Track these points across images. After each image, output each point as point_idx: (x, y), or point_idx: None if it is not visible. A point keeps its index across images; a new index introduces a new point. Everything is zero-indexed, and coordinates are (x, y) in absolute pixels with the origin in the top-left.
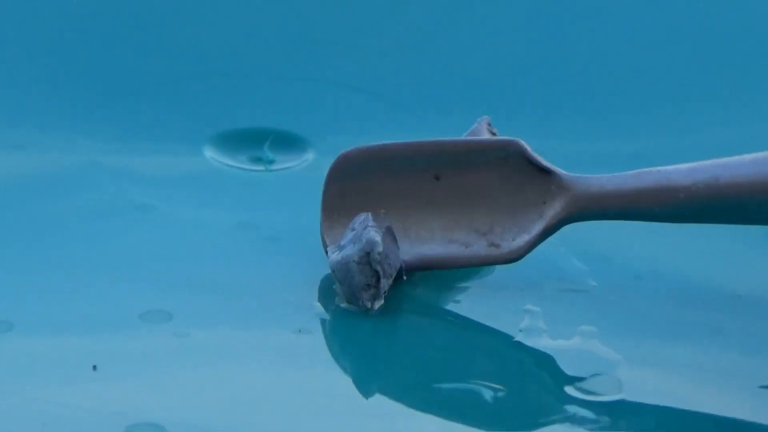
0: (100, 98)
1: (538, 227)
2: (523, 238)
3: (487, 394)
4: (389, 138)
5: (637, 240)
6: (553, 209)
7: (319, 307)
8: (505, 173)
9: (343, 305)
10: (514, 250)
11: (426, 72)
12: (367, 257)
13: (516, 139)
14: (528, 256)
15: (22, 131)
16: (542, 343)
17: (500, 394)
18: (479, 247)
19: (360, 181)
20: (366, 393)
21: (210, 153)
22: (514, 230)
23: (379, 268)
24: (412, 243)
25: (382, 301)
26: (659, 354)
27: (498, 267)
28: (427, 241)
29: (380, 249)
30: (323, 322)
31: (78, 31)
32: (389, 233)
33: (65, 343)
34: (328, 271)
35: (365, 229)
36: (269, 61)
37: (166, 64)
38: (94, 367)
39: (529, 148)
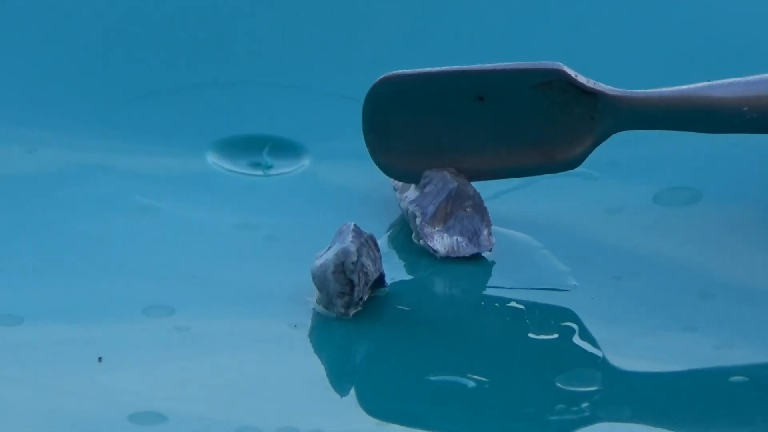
0: (109, 105)
1: (589, 140)
2: (577, 149)
3: (472, 386)
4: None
5: (615, 243)
6: (603, 123)
7: (313, 302)
8: (549, 95)
9: (319, 310)
10: (569, 160)
11: None
12: (341, 266)
13: (559, 65)
14: (512, 258)
15: (33, 132)
16: (526, 338)
17: (485, 385)
18: (534, 159)
19: (400, 103)
20: (357, 384)
21: (212, 158)
22: (566, 142)
23: (354, 277)
24: (463, 155)
25: (359, 308)
26: (636, 349)
27: (488, 263)
28: (477, 154)
29: (354, 259)
30: (318, 316)
31: (90, 40)
32: (370, 241)
33: (72, 336)
34: None
35: (344, 238)
36: (269, 72)
37: (172, 74)
38: (100, 359)
39: (572, 74)
